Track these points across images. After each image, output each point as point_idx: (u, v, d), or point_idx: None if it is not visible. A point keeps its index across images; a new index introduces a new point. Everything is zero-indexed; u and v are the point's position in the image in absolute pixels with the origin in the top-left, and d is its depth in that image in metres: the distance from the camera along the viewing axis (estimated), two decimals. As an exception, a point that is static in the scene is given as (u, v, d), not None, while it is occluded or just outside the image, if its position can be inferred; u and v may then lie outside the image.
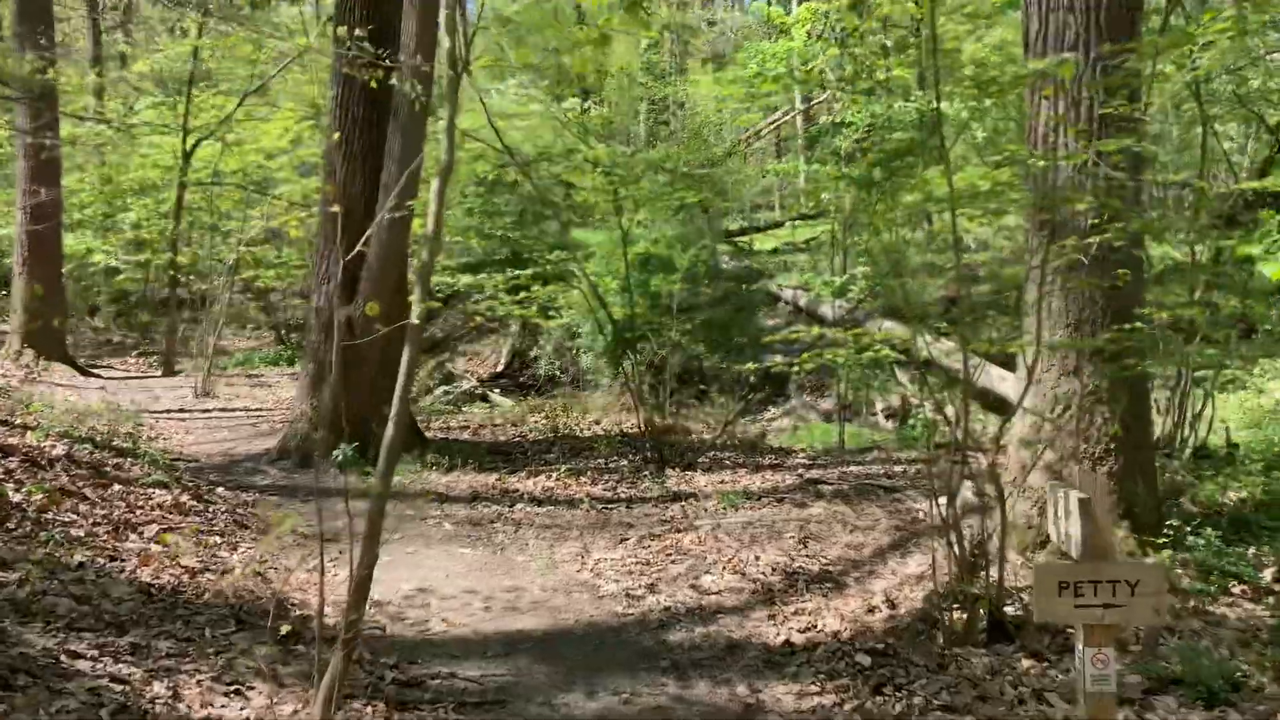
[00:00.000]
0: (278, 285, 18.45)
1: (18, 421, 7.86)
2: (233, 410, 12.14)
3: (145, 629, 4.25)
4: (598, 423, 10.76)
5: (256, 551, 5.84)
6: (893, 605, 5.15)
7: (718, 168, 12.11)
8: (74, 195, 19.57)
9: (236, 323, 20.28)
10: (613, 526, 6.92)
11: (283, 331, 19.18)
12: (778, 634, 4.91)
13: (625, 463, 8.83)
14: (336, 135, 8.74)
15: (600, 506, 7.46)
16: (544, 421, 10.66)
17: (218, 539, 5.98)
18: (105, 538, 5.41)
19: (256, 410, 12.18)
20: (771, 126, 25.41)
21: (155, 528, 5.80)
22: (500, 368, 21.46)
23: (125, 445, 8.17)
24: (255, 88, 16.33)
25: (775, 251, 22.43)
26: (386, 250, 8.38)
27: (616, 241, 11.57)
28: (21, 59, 15.12)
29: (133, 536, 5.56)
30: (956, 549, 4.86)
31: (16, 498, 5.43)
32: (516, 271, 11.57)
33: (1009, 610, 4.81)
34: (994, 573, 4.80)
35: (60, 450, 6.75)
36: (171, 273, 15.19)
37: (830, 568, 5.92)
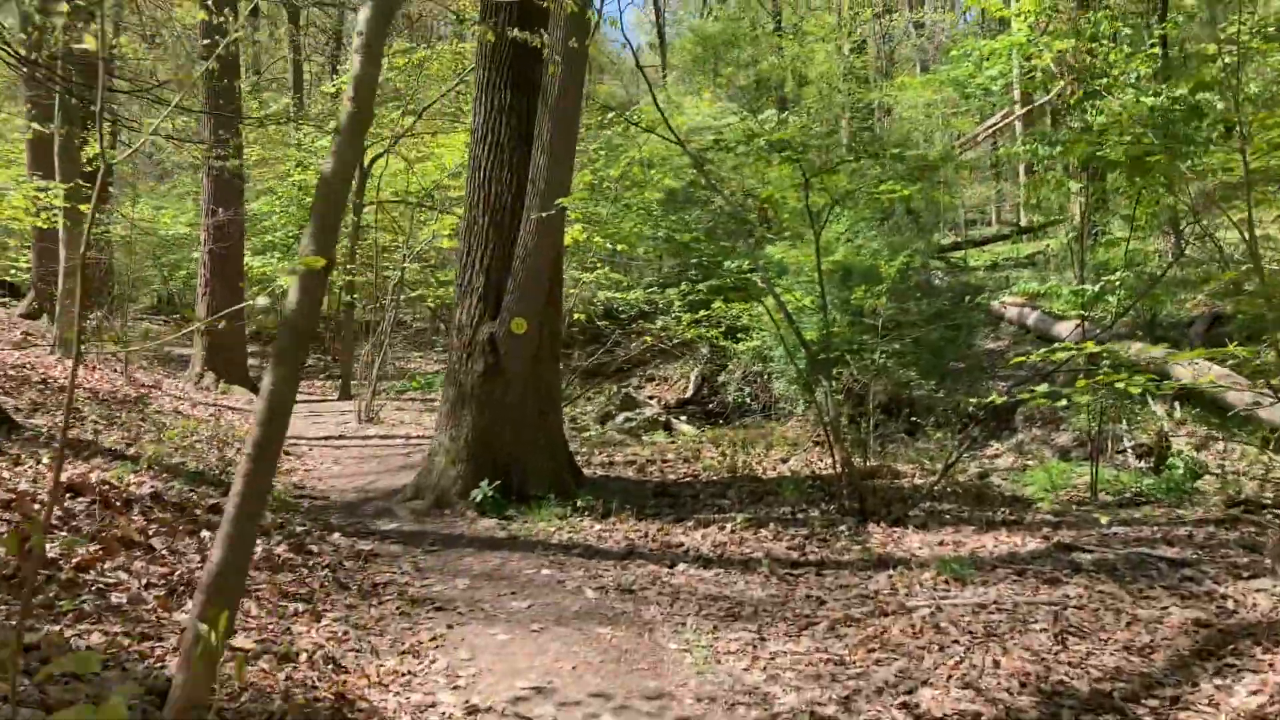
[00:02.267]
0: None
1: (130, 451, 7.09)
2: (393, 438, 11.30)
3: (127, 757, 3.05)
4: (784, 460, 9.15)
5: (338, 627, 4.64)
6: (1226, 769, 3.35)
7: (929, 174, 10.35)
8: (266, 218, 19.82)
9: (417, 345, 19.89)
10: (797, 603, 5.34)
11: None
12: (1041, 805, 3.22)
13: (816, 513, 7.22)
14: (478, 123, 7.62)
15: (783, 572, 5.89)
16: (721, 459, 9.13)
17: (301, 606, 4.82)
18: (152, 605, 4.33)
19: (417, 438, 11.29)
20: (988, 131, 23.07)
21: (224, 589, 4.68)
22: (689, 394, 20.21)
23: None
24: (431, 102, 15.80)
25: (994, 267, 20.26)
26: (534, 256, 7.17)
27: (809, 249, 10.02)
28: (206, 75, 15.18)
29: (189, 604, 4.45)
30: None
31: (55, 552, 4.44)
32: (695, 285, 10.22)
33: None
34: None
35: (148, 488, 5.82)
36: (346, 294, 14.73)
37: (1107, 686, 4.13)
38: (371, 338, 12.54)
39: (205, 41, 14.28)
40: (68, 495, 5.25)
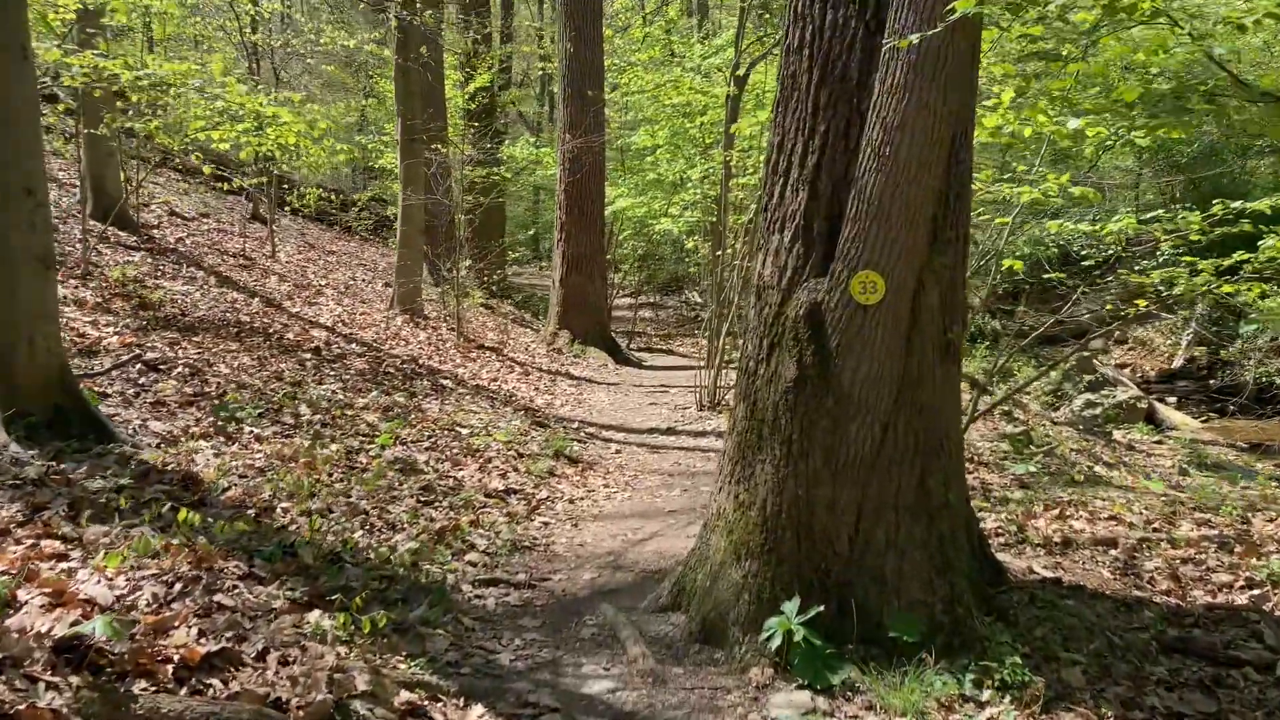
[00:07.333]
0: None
1: (246, 484, 4.37)
2: (733, 436, 8.00)
3: None
4: None
5: None
6: None
7: None
8: (647, 154, 17.39)
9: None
10: None
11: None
12: None
13: None
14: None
15: None
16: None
17: None
18: None
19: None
20: None
21: None
22: (1176, 364, 14.95)
23: (414, 550, 4.32)
24: None
25: None
26: (902, 141, 3.39)
27: None
28: None
29: None
30: None
31: None
32: (1232, 205, 5.73)
33: None
34: None
35: (65, 625, 2.90)
36: (707, 241, 11.63)
37: None
38: (719, 296, 9.27)
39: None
40: None
